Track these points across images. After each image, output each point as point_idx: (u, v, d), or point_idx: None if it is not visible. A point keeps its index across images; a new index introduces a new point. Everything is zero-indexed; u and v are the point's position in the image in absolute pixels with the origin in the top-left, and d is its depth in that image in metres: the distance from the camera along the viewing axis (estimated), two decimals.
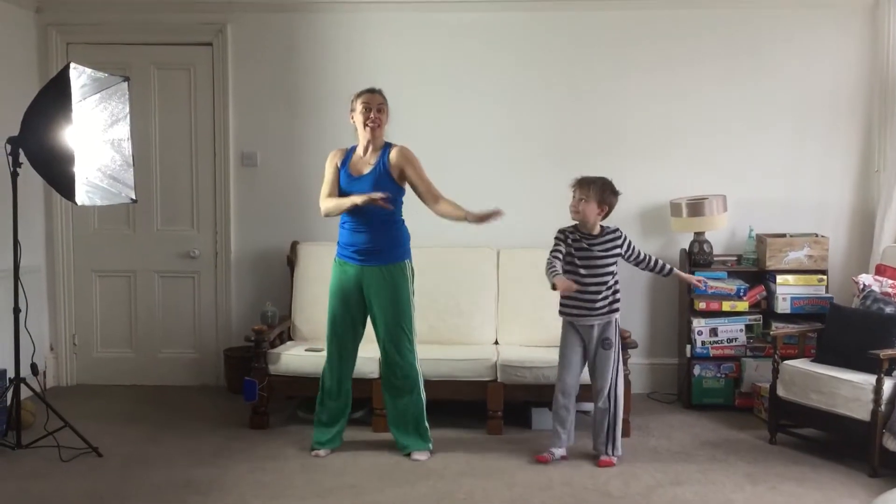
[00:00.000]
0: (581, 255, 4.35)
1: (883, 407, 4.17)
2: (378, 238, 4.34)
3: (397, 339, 4.40)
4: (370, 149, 4.38)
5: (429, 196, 4.36)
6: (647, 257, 4.49)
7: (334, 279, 4.45)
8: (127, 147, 4.56)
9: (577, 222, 4.40)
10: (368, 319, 4.48)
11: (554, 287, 4.21)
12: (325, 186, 4.45)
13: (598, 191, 4.32)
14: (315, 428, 4.55)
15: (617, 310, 4.40)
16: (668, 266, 4.51)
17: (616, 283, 4.39)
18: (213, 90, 5.73)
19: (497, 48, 5.66)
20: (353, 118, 4.41)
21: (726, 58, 5.59)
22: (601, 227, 4.41)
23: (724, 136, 5.62)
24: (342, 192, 4.37)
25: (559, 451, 4.41)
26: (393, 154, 4.37)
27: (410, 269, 4.45)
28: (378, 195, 4.18)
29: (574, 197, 4.37)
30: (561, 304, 4.41)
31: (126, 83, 4.55)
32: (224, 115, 5.72)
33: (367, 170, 4.36)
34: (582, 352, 4.41)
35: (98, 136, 4.46)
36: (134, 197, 4.63)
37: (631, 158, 5.60)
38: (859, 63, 5.55)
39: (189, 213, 5.83)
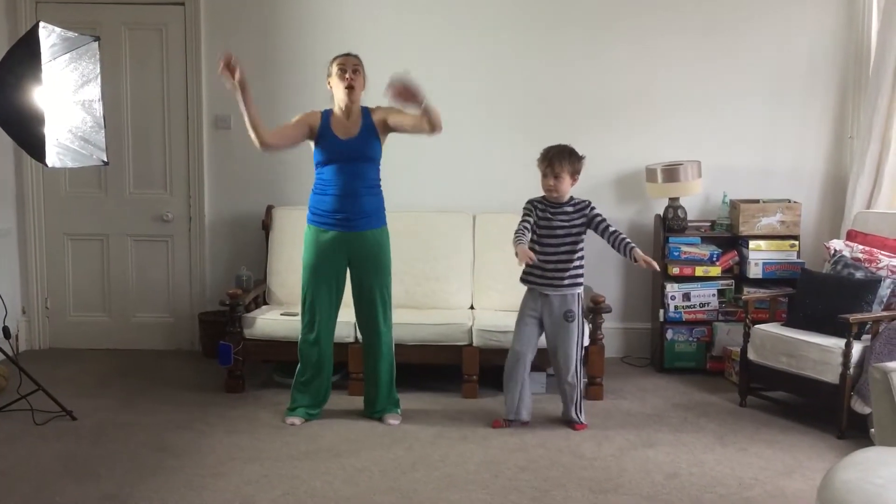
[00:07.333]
0: (544, 224, 4.33)
1: (851, 370, 4.24)
2: (364, 203, 4.28)
3: (383, 305, 4.39)
4: (351, 112, 4.30)
5: (418, 120, 4.13)
6: (615, 232, 4.29)
7: (311, 248, 4.33)
8: (98, 108, 4.48)
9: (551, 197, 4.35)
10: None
11: (517, 255, 4.21)
12: (282, 127, 4.35)
13: (570, 165, 4.28)
14: (294, 396, 4.48)
15: (580, 284, 4.35)
16: (631, 244, 4.22)
17: (581, 257, 4.33)
18: (186, 51, 5.64)
19: (473, 16, 5.61)
20: (329, 83, 4.32)
21: (703, 24, 5.58)
22: (570, 196, 4.36)
23: (699, 103, 5.62)
24: (330, 157, 4.26)
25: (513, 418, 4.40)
26: (374, 113, 4.31)
27: (388, 234, 4.43)
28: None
29: (546, 177, 4.29)
30: (523, 272, 4.39)
31: (96, 43, 4.46)
32: (197, 76, 5.64)
33: (355, 131, 4.28)
34: (537, 322, 4.38)
35: (68, 96, 4.38)
36: (105, 159, 4.56)
37: (607, 125, 5.60)
38: (834, 31, 5.56)
39: (162, 176, 5.76)
